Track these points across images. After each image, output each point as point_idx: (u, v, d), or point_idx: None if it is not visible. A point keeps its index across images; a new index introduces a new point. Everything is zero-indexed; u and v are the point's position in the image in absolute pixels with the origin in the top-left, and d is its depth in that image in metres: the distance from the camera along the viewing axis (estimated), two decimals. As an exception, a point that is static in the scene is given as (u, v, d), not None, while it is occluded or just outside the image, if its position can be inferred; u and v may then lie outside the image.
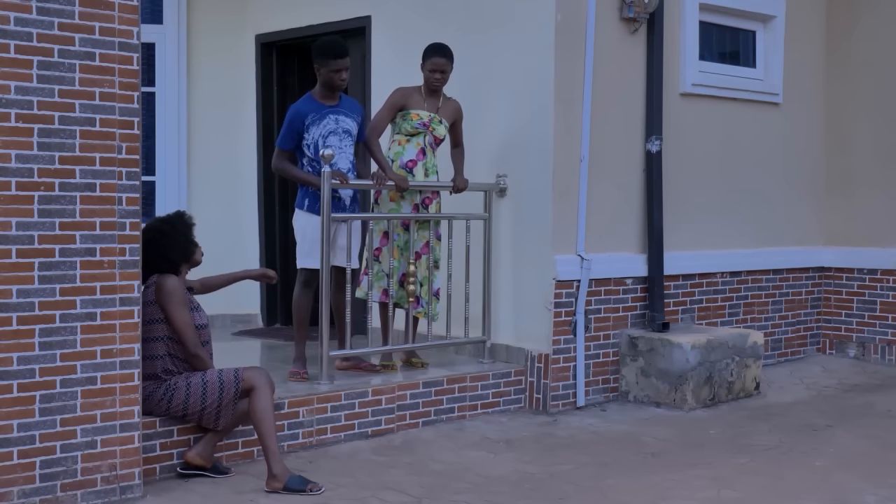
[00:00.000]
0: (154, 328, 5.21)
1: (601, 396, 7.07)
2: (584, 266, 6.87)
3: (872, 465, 5.66)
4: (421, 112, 6.60)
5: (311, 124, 6.30)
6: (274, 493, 5.04)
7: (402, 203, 6.62)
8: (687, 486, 5.24)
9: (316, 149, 6.29)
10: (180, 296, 5.21)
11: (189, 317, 5.22)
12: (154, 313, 5.21)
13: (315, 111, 6.32)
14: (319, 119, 6.31)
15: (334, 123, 6.34)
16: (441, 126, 6.66)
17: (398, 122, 6.67)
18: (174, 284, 5.23)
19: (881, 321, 8.48)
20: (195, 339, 5.23)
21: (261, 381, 5.18)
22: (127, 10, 4.82)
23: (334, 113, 6.36)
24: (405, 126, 6.62)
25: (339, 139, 6.35)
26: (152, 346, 5.21)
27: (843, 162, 8.70)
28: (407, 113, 6.61)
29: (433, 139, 6.67)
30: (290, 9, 8.58)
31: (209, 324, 5.47)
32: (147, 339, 5.20)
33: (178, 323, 5.19)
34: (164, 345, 5.23)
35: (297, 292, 6.45)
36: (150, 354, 5.21)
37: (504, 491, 5.17)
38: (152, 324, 5.21)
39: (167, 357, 5.23)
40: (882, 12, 8.49)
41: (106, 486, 4.83)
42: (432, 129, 6.63)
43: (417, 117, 6.60)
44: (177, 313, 5.19)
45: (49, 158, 4.63)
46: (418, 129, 6.61)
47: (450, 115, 6.71)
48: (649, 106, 7.31)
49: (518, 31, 6.97)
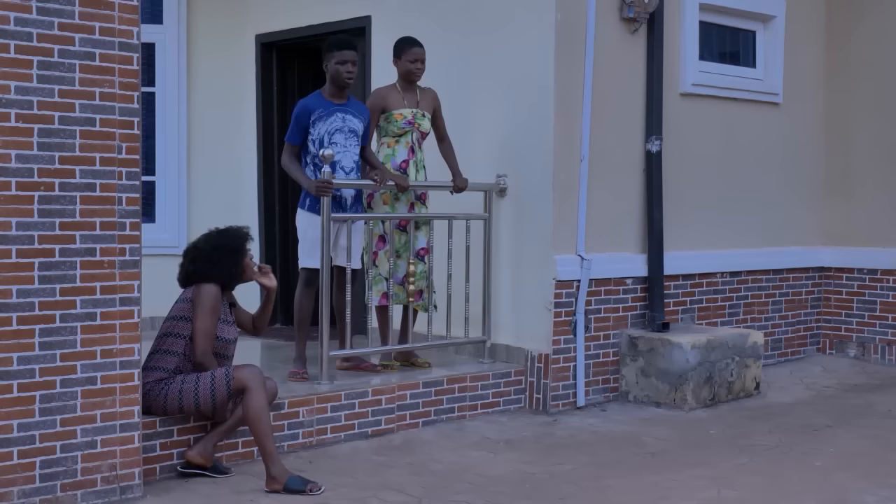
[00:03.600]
0: (180, 325, 5.25)
1: (601, 396, 7.07)
2: (584, 266, 6.87)
3: (872, 465, 5.67)
4: (403, 111, 6.59)
5: (317, 120, 6.30)
6: (274, 493, 5.04)
7: (398, 204, 6.61)
8: (687, 486, 5.24)
9: (320, 146, 6.29)
10: (212, 304, 5.22)
11: (212, 327, 5.22)
12: (185, 310, 5.25)
13: (322, 107, 6.32)
14: (326, 115, 6.30)
15: (341, 121, 6.33)
16: (425, 120, 6.65)
17: (382, 125, 6.64)
18: (211, 292, 5.24)
19: (881, 321, 8.48)
20: (207, 348, 5.22)
21: (253, 381, 5.15)
22: (127, 10, 4.82)
23: (342, 111, 6.35)
24: (391, 128, 6.61)
25: (345, 137, 6.34)
26: (172, 342, 5.24)
27: (843, 162, 8.71)
28: (390, 115, 6.59)
29: (420, 135, 6.67)
30: (290, 9, 8.58)
31: (236, 341, 5.46)
32: (169, 334, 5.25)
33: (199, 327, 5.20)
34: (183, 343, 5.24)
35: (298, 292, 6.45)
36: (168, 349, 5.23)
37: (504, 491, 5.16)
38: (179, 320, 5.25)
39: (182, 356, 5.25)
40: (882, 12, 8.49)
41: (106, 486, 4.83)
42: (418, 126, 6.63)
43: (401, 117, 6.58)
44: (202, 318, 5.20)
45: (49, 158, 4.63)
46: (405, 128, 6.60)
47: (429, 105, 6.71)
48: (649, 106, 7.31)
49: (518, 30, 6.97)
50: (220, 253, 5.36)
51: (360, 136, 6.41)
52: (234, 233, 5.48)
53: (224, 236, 5.45)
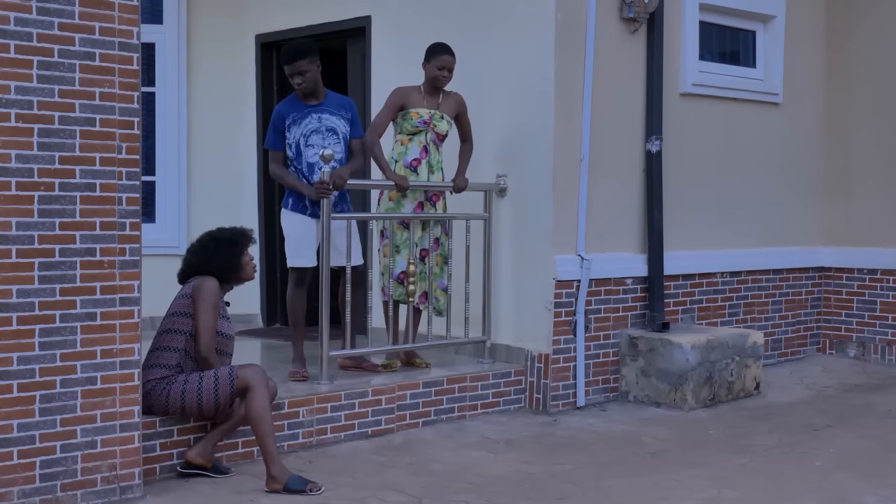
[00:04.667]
0: (179, 321, 5.26)
1: (601, 396, 7.07)
2: (584, 266, 6.87)
3: (872, 465, 5.67)
4: (420, 110, 6.62)
5: (291, 124, 6.33)
6: (274, 493, 5.04)
7: (404, 202, 6.62)
8: (687, 486, 5.24)
9: (297, 149, 6.32)
10: (213, 300, 5.24)
11: (213, 321, 5.24)
12: (184, 306, 5.26)
13: (296, 111, 6.34)
14: (300, 118, 6.33)
15: (317, 122, 6.34)
16: (443, 122, 6.67)
17: (399, 121, 6.68)
18: (212, 287, 5.27)
19: (881, 321, 8.48)
20: (210, 343, 5.24)
21: (256, 380, 5.16)
22: (127, 10, 4.82)
23: (316, 111, 6.36)
24: (406, 125, 6.64)
25: (323, 137, 6.34)
26: (172, 338, 5.25)
27: (843, 162, 8.70)
28: (406, 112, 6.62)
29: (436, 136, 6.68)
30: (290, 9, 8.58)
31: (234, 338, 5.49)
32: (169, 330, 5.26)
33: (201, 322, 5.21)
34: (183, 340, 5.25)
35: (289, 292, 6.45)
36: (169, 346, 5.24)
37: (504, 491, 5.16)
38: (179, 316, 5.26)
39: (182, 352, 5.25)
40: (882, 12, 8.49)
41: (106, 486, 4.83)
42: (433, 126, 6.64)
43: (417, 115, 6.61)
44: (203, 313, 5.21)
45: (49, 158, 4.63)
46: (419, 127, 6.62)
47: (451, 109, 6.72)
48: (649, 106, 7.31)
49: (518, 30, 6.97)
50: (220, 244, 5.42)
51: (341, 132, 6.40)
52: (237, 228, 5.56)
53: (225, 230, 5.54)
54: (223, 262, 5.39)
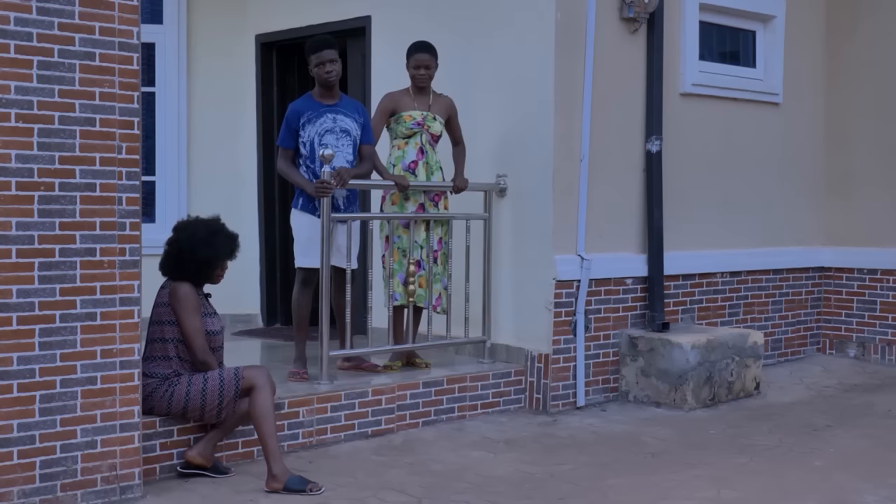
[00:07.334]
0: (165, 329, 5.25)
1: (601, 396, 7.07)
2: (584, 266, 6.87)
3: (872, 465, 5.67)
4: (413, 112, 6.62)
5: (306, 122, 6.31)
6: (274, 493, 5.04)
7: (407, 205, 6.62)
8: (687, 486, 5.24)
9: (311, 147, 6.30)
10: (192, 303, 5.24)
11: (199, 323, 5.24)
12: (166, 315, 5.25)
13: (311, 110, 6.33)
14: (316, 117, 6.31)
15: (331, 122, 6.33)
16: (436, 122, 6.67)
17: (393, 126, 6.69)
18: (187, 291, 5.25)
19: (881, 321, 8.48)
20: (204, 345, 5.24)
21: (261, 380, 5.18)
22: (127, 10, 4.82)
23: (332, 112, 6.35)
24: (400, 129, 6.64)
25: (336, 138, 6.34)
26: (163, 347, 5.24)
27: (843, 162, 8.70)
28: (399, 116, 6.63)
29: (430, 137, 6.68)
30: (290, 9, 8.58)
31: (223, 330, 5.48)
32: (158, 340, 5.25)
33: (188, 329, 5.21)
34: (173, 346, 5.25)
35: (295, 292, 6.45)
36: (162, 355, 5.23)
37: (504, 491, 5.16)
38: (163, 325, 5.25)
39: (176, 359, 5.25)
40: (882, 13, 8.49)
41: (106, 486, 4.83)
42: (427, 127, 6.64)
43: (410, 118, 6.61)
44: (187, 319, 5.21)
45: (49, 158, 4.63)
46: (413, 129, 6.63)
47: (443, 111, 6.72)
48: (649, 106, 7.31)
49: (518, 30, 6.97)
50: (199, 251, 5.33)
51: (353, 135, 6.40)
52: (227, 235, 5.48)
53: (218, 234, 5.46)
54: (195, 271, 5.32)
